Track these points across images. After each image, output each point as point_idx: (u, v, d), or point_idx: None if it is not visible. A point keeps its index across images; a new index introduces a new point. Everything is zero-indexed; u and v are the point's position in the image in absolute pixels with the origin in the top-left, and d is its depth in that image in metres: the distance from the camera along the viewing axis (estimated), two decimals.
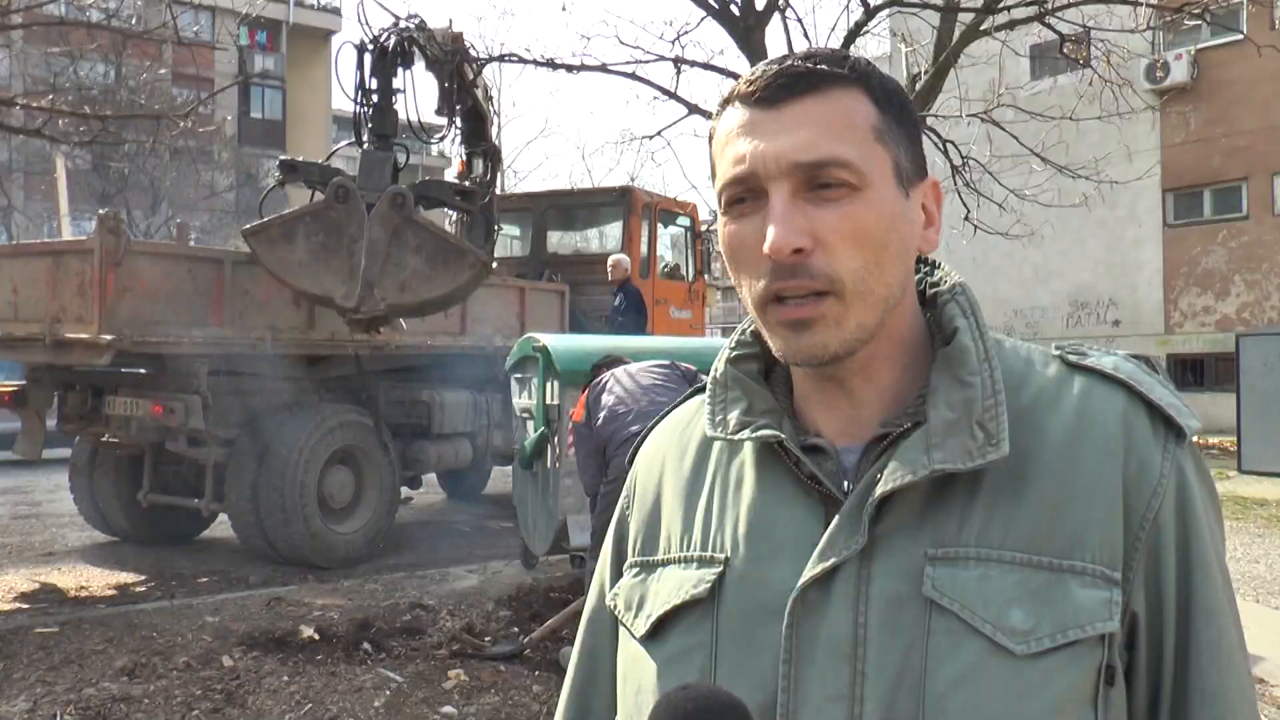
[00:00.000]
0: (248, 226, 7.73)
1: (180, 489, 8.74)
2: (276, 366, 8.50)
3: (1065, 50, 10.32)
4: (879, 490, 0.89)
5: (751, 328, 1.04)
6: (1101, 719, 0.86)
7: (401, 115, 8.40)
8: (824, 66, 0.93)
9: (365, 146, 8.03)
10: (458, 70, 9.00)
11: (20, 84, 22.65)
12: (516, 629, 5.94)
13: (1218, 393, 20.16)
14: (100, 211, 7.42)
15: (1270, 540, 9.52)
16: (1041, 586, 0.86)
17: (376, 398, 9.39)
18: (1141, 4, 9.74)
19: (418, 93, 8.58)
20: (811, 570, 0.90)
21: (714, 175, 0.98)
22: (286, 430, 8.04)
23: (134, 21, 14.72)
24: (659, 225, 11.87)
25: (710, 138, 1.00)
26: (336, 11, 39.67)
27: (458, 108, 9.52)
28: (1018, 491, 0.90)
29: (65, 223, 14.12)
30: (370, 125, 8.12)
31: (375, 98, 8.12)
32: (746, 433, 0.98)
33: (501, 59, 9.96)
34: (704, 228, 12.68)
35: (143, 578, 7.92)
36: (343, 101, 8.81)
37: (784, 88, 0.93)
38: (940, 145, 10.04)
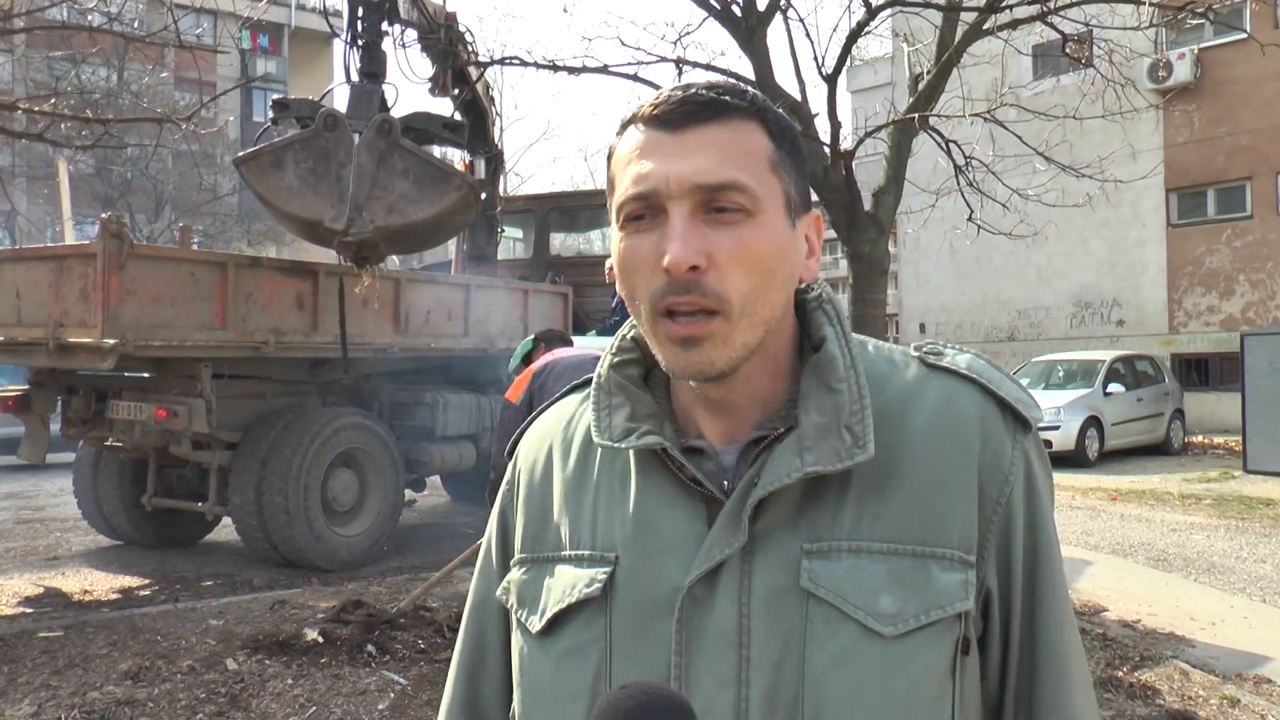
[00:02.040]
0: (239, 155, 7.83)
1: (184, 492, 8.74)
2: (279, 369, 8.51)
3: (1068, 50, 10.29)
4: (757, 494, 0.96)
5: (632, 333, 1.10)
6: (959, 684, 0.96)
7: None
8: (727, 97, 0.98)
9: (355, 84, 8.13)
10: (451, 48, 9.08)
11: (22, 88, 22.67)
12: None
13: (1222, 392, 20.13)
14: (103, 215, 7.42)
15: (1276, 540, 9.50)
16: (907, 573, 0.95)
17: (380, 400, 9.40)
18: (1144, 3, 9.71)
19: (405, 41, 8.69)
20: (698, 568, 0.96)
21: (611, 191, 1.02)
22: (290, 433, 8.04)
23: (136, 25, 14.73)
24: None
25: (610, 155, 1.04)
26: (338, 15, 39.69)
27: (454, 92, 9.57)
28: (884, 487, 0.97)
29: (68, 227, 14.13)
30: (360, 65, 8.20)
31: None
32: (632, 440, 1.02)
33: (503, 62, 9.95)
34: None
35: (147, 581, 7.92)
36: (342, 105, 8.84)
37: (688, 113, 0.97)
38: (943, 145, 10.02)
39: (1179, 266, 21.44)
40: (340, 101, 8.38)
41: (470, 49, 9.77)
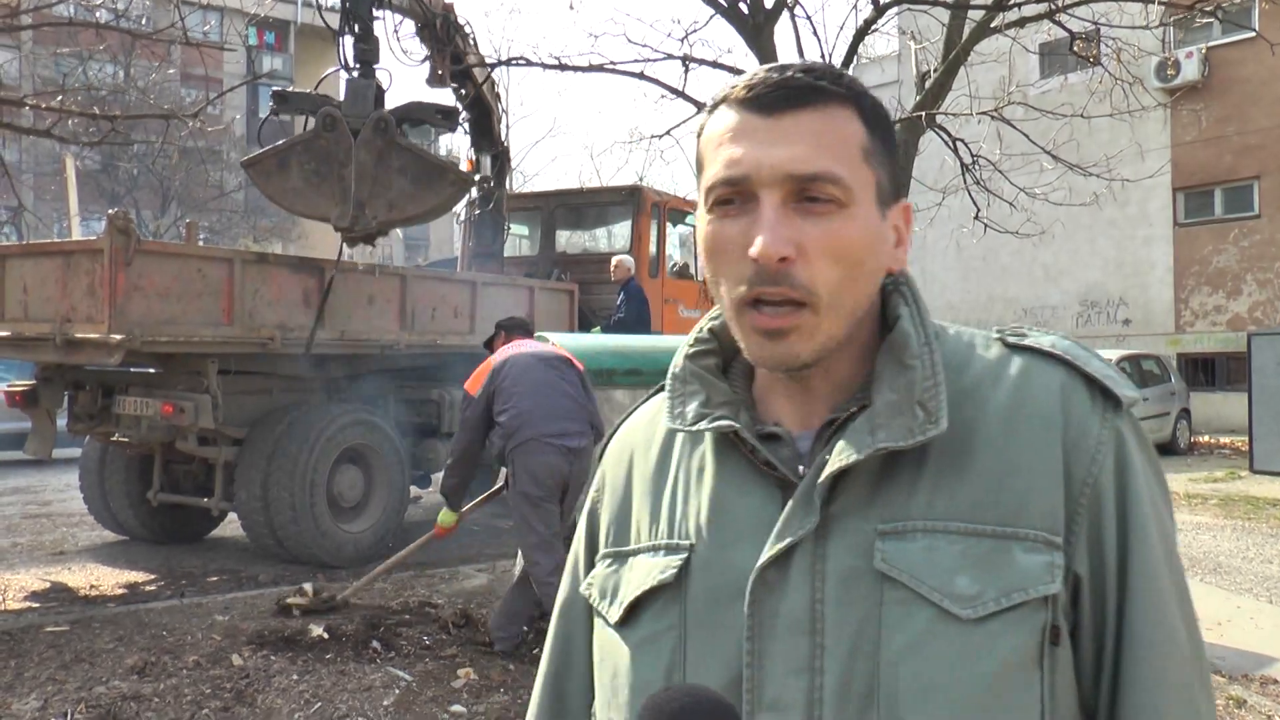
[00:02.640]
0: (246, 158, 8.04)
1: (190, 488, 8.76)
2: (286, 365, 8.52)
3: (1075, 48, 10.28)
4: (826, 470, 0.94)
5: (709, 325, 1.10)
6: (1048, 678, 0.90)
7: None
8: (823, 82, 0.96)
9: (350, 75, 8.22)
10: (448, 37, 9.16)
11: (29, 85, 22.71)
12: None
13: (1229, 392, 20.08)
14: (110, 211, 7.43)
15: None
16: (986, 554, 0.91)
17: (386, 397, 9.40)
18: (1153, 1, 9.69)
19: (398, 23, 8.84)
20: (769, 551, 0.94)
21: (699, 171, 1.01)
22: (296, 429, 8.05)
23: (143, 22, 14.74)
24: (668, 224, 11.85)
25: (699, 133, 1.02)
26: (334, 10, 39.68)
27: (453, 86, 9.60)
28: (961, 465, 0.94)
29: (75, 223, 14.15)
30: (354, 52, 8.29)
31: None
32: (704, 424, 1.02)
33: (509, 62, 9.95)
34: None
35: (153, 576, 7.93)
36: (341, 96, 8.95)
37: (784, 98, 0.96)
38: (950, 143, 10.00)
39: (1186, 266, 21.39)
40: (337, 91, 8.46)
41: (471, 41, 9.79)
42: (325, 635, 5.65)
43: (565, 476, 5.62)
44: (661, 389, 1.15)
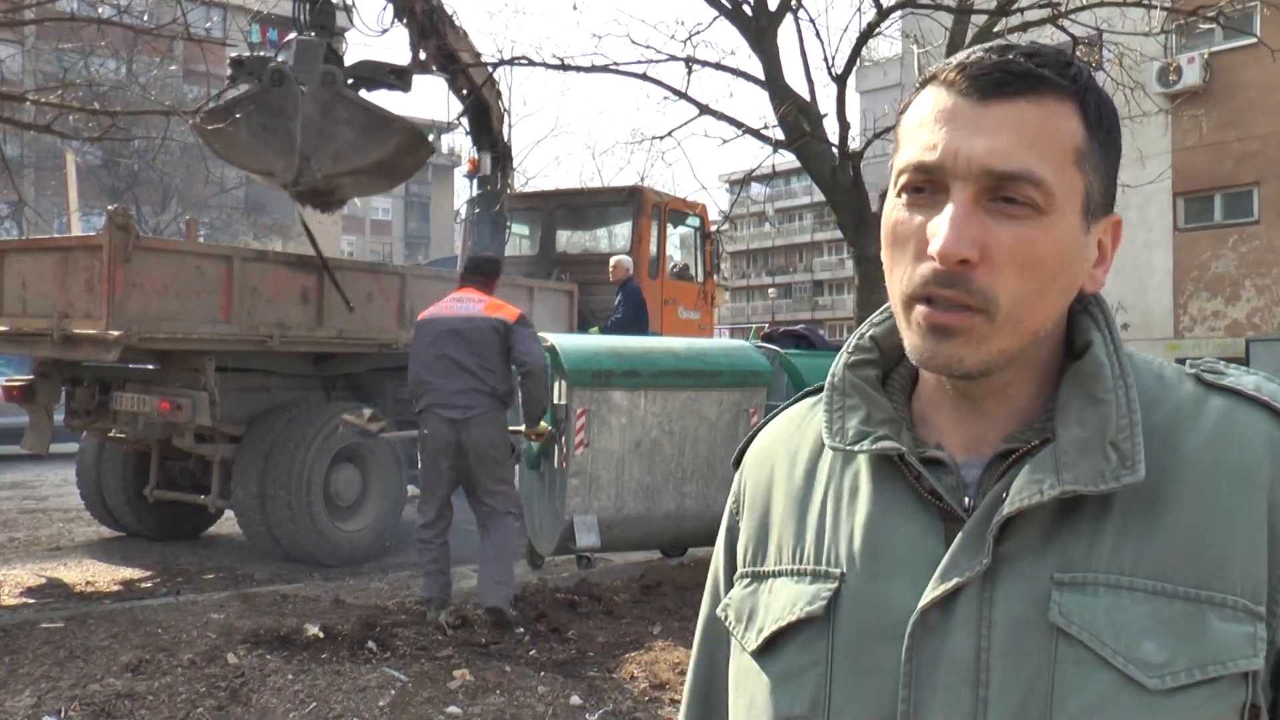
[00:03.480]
0: (196, 116, 8.22)
1: (186, 485, 8.75)
2: (284, 363, 8.51)
3: (1078, 52, 10.28)
4: (1006, 510, 0.86)
5: (870, 332, 1.01)
6: None
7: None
8: (1046, 70, 0.88)
9: (300, 35, 8.45)
10: (431, 25, 9.25)
11: (31, 80, 22.71)
12: (522, 629, 5.92)
13: None
14: (110, 207, 7.43)
15: None
16: (1176, 618, 0.82)
17: (384, 395, 9.39)
18: (1155, 7, 9.69)
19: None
20: (933, 591, 0.86)
21: (896, 149, 0.94)
22: (293, 427, 8.04)
23: (145, 18, 14.73)
24: (669, 225, 11.85)
25: (902, 110, 0.95)
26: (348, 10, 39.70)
27: (447, 80, 9.67)
28: (1151, 516, 0.85)
29: (74, 218, 14.14)
30: (309, 18, 8.55)
31: None
32: (865, 444, 0.94)
33: (512, 62, 9.95)
34: (713, 228, 12.66)
35: (148, 573, 7.92)
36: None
37: (998, 83, 0.87)
38: None
39: (1185, 271, 21.40)
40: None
41: (461, 34, 9.81)
42: (321, 635, 5.64)
43: (452, 444, 6.04)
44: (806, 393, 1.09)
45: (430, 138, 8.86)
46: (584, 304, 10.90)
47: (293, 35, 8.47)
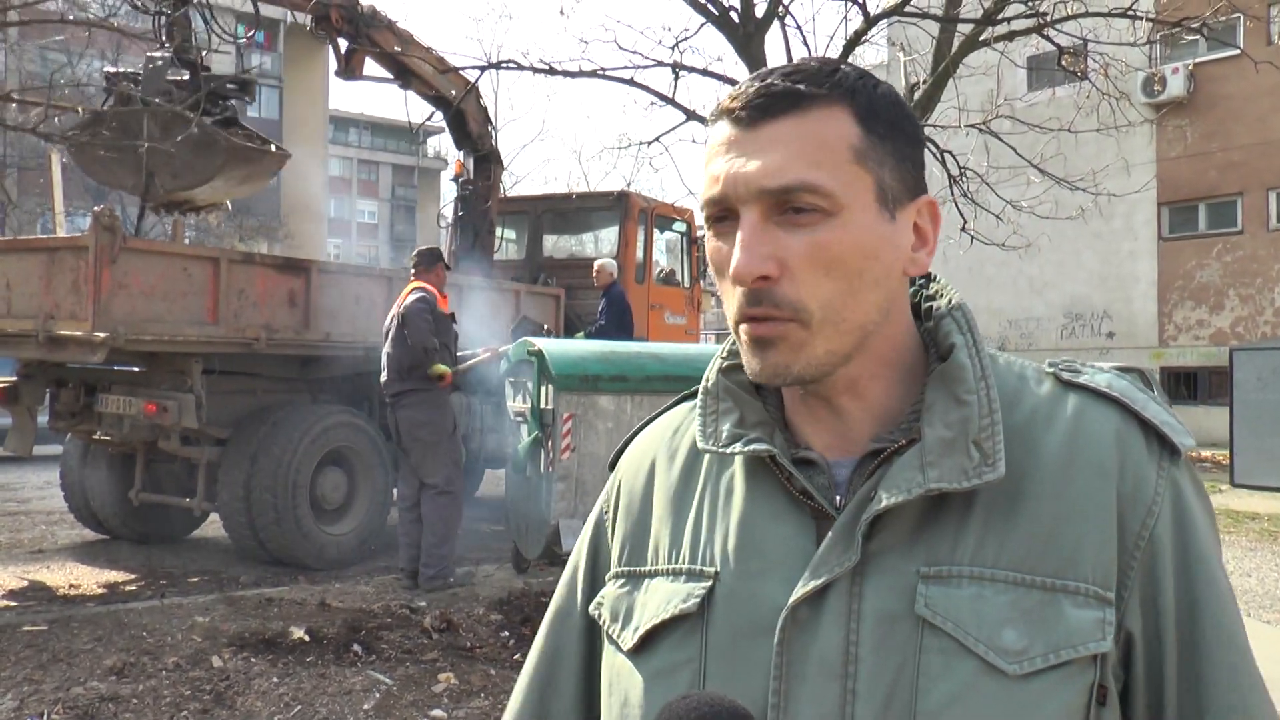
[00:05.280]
0: (65, 134, 8.36)
1: (172, 488, 8.72)
2: (270, 366, 8.49)
3: (1063, 62, 10.35)
4: (874, 508, 0.88)
5: None
6: None
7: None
8: (802, 86, 0.91)
9: (154, 53, 8.62)
10: (356, 31, 9.35)
11: (16, 79, 22.59)
12: (507, 633, 5.93)
13: (1211, 406, 20.20)
14: (95, 208, 7.40)
15: (1261, 554, 9.54)
16: (1035, 606, 0.86)
17: (370, 399, 9.37)
18: (1140, 17, 9.76)
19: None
20: (803, 587, 0.89)
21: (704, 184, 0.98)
22: (279, 430, 8.02)
23: (131, 20, 14.67)
24: (655, 230, 11.87)
25: (706, 145, 0.98)
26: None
27: (417, 90, 9.70)
28: (1012, 511, 0.89)
29: (60, 219, 14.07)
30: (165, 31, 8.65)
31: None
32: (738, 446, 0.96)
33: (499, 66, 9.96)
34: (700, 233, 12.68)
35: (133, 576, 7.89)
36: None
37: (761, 108, 0.91)
38: (938, 155, 10.05)
39: (1170, 280, 21.54)
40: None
41: (401, 34, 9.84)
42: (306, 638, 5.63)
43: (390, 425, 7.32)
44: (684, 397, 1.11)
45: (276, 146, 9.13)
46: (570, 308, 10.90)
47: (158, 54, 8.60)
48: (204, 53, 8.66)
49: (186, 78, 8.41)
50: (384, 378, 7.21)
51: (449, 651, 5.62)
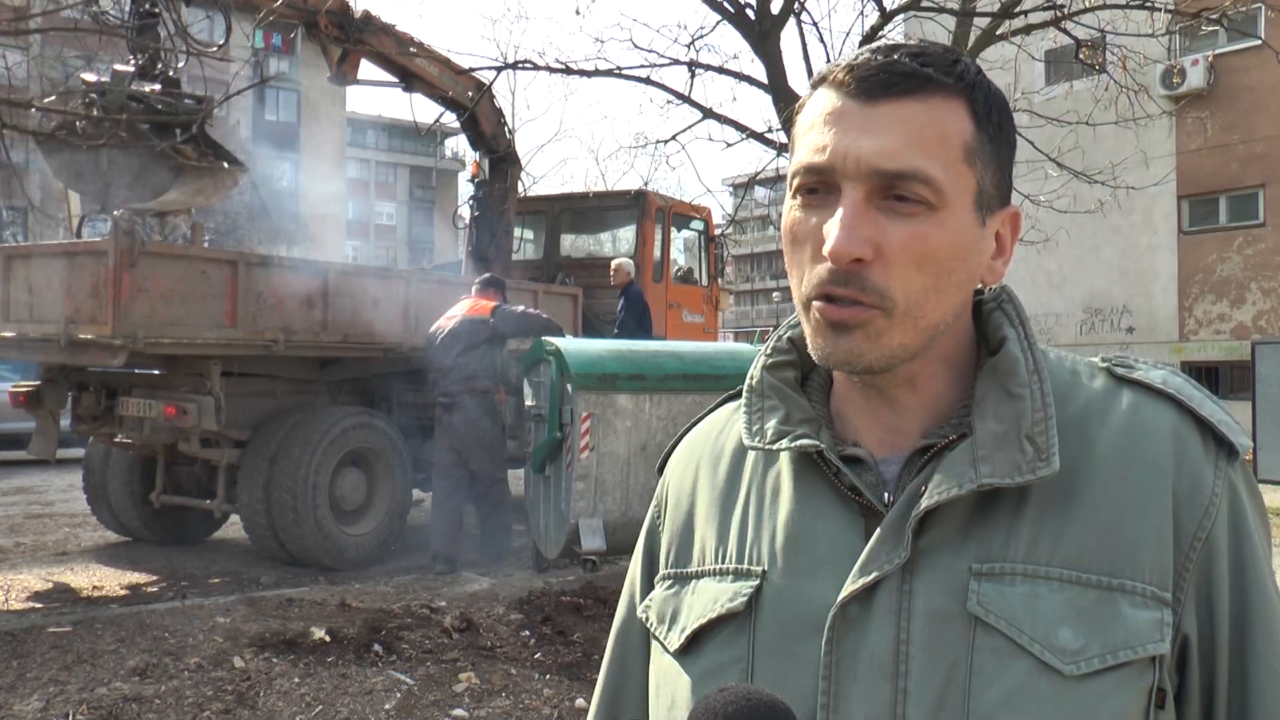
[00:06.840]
0: (41, 139, 8.50)
1: (193, 490, 8.76)
2: (289, 368, 8.53)
3: (1081, 55, 10.28)
4: (924, 504, 0.87)
5: (788, 334, 1.02)
6: None
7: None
8: (931, 70, 0.89)
9: (124, 61, 8.77)
10: (348, 36, 9.38)
11: (37, 86, 22.75)
12: (528, 632, 5.93)
13: (1232, 401, 20.02)
14: (115, 213, 7.46)
15: None
16: (1091, 606, 0.84)
17: (389, 399, 9.41)
18: (1159, 9, 9.69)
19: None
20: (852, 585, 0.87)
21: (791, 152, 0.95)
22: (299, 432, 8.05)
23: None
24: (673, 229, 11.86)
25: (797, 112, 0.96)
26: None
27: (424, 93, 9.72)
28: (1066, 507, 0.87)
29: (76, 223, 14.19)
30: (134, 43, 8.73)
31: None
32: (785, 442, 0.95)
33: (515, 66, 9.97)
34: (717, 232, 12.66)
35: (155, 578, 7.94)
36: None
37: (884, 84, 0.88)
38: None
39: (1190, 274, 21.37)
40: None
41: (399, 36, 9.87)
42: (327, 638, 5.65)
43: (445, 425, 7.95)
44: (728, 397, 1.10)
45: (231, 163, 9.11)
46: (588, 308, 10.90)
47: (129, 60, 8.69)
48: (179, 65, 8.68)
49: (156, 89, 8.43)
50: (443, 387, 7.90)
51: (470, 651, 5.63)
